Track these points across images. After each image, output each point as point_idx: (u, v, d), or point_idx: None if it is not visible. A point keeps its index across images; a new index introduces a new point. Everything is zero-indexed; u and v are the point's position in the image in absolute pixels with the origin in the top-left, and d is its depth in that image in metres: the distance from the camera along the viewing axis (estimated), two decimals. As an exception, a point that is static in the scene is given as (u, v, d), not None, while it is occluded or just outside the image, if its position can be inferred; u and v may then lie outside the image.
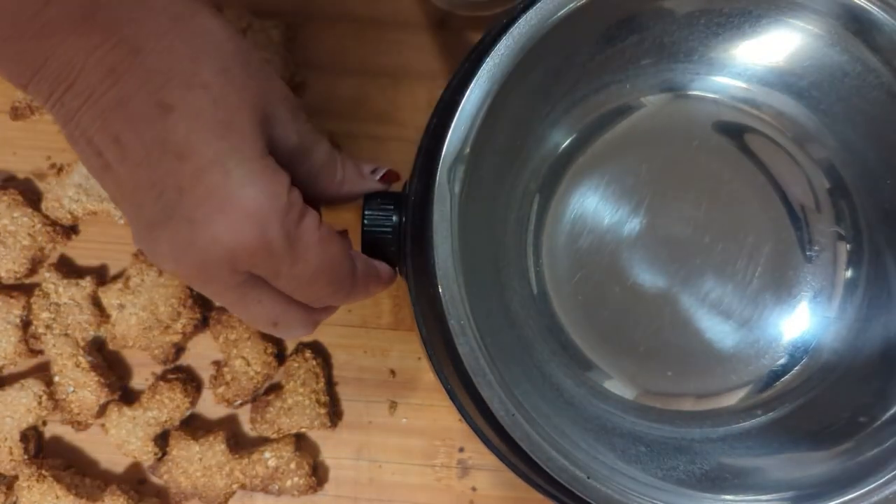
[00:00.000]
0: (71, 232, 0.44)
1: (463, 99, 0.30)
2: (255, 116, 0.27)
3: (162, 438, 0.43)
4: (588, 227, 0.38)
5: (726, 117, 0.39)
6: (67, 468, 0.43)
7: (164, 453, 0.42)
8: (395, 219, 0.32)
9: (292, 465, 0.42)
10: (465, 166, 0.30)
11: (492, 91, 0.30)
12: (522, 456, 0.29)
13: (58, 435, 0.44)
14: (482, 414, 0.30)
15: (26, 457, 0.42)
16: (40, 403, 0.42)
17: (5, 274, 0.43)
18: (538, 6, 0.31)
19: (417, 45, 0.45)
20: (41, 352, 0.43)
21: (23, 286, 0.44)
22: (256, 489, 0.42)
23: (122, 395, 0.43)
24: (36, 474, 0.41)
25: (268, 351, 0.43)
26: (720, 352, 0.37)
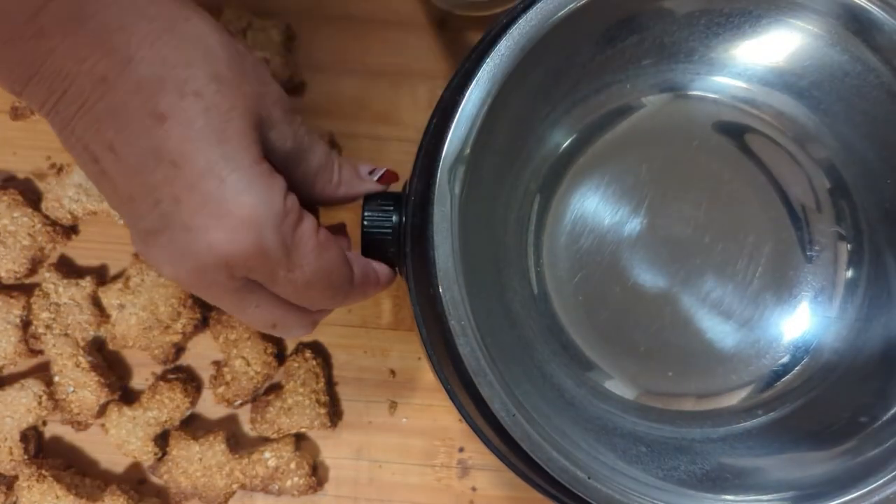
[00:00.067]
0: (71, 232, 0.44)
1: (463, 99, 0.30)
2: (250, 122, 0.27)
3: (162, 438, 0.43)
4: (588, 227, 0.38)
5: (726, 117, 0.39)
6: (67, 468, 0.43)
7: (164, 453, 0.42)
8: (395, 219, 0.32)
9: (292, 465, 0.42)
10: (466, 166, 0.30)
11: (492, 91, 0.30)
12: (523, 456, 0.29)
13: (58, 435, 0.44)
14: (482, 414, 0.30)
15: (26, 457, 0.42)
16: (40, 403, 0.42)
17: (5, 274, 0.43)
18: (538, 6, 0.31)
19: (418, 46, 0.45)
20: (41, 352, 0.43)
21: (23, 286, 0.44)
22: (256, 489, 0.42)
23: (122, 395, 0.43)
24: (36, 474, 0.41)
25: (268, 351, 0.43)
26: (721, 352, 0.37)
